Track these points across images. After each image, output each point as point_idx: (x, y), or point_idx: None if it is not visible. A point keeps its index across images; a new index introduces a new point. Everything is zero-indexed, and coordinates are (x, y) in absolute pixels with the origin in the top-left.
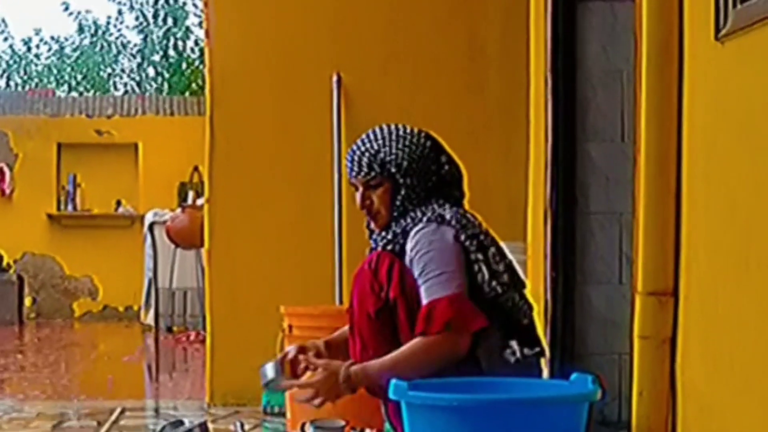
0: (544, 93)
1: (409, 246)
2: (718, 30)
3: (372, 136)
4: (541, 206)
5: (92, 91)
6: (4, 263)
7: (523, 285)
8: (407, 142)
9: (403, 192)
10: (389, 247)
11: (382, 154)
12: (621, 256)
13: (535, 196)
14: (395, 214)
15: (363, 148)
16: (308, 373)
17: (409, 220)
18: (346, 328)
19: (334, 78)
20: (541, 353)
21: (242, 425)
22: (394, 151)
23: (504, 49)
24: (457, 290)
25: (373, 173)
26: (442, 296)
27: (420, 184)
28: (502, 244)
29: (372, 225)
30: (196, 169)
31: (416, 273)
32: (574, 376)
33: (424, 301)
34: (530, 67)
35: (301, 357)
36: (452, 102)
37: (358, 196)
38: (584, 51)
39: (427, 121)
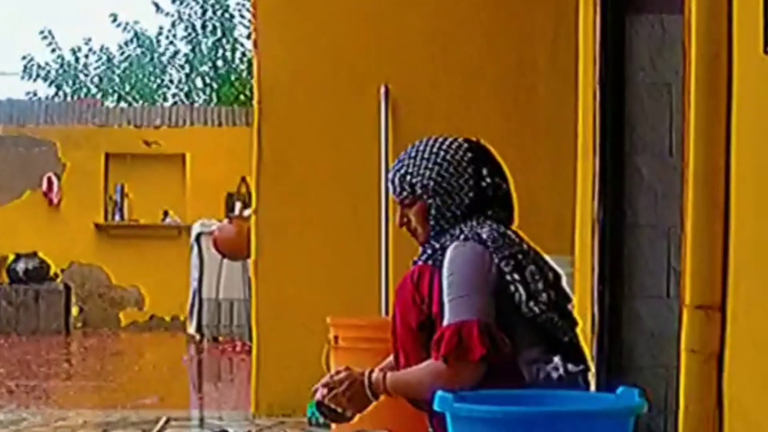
0: (592, 106)
1: (444, 262)
2: (767, 43)
3: (406, 154)
4: (588, 219)
5: (140, 102)
6: (52, 272)
7: (567, 300)
8: (439, 159)
9: (433, 212)
10: (430, 262)
11: (409, 175)
12: (669, 270)
13: (583, 209)
14: (434, 230)
15: (397, 167)
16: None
17: (448, 236)
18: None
19: (382, 90)
20: (586, 370)
21: None
22: (421, 171)
23: (553, 62)
24: (469, 316)
25: (405, 193)
26: (454, 322)
27: (454, 202)
28: (548, 258)
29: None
30: (243, 179)
31: (443, 291)
32: (620, 389)
33: (443, 324)
34: (579, 80)
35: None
36: (500, 115)
37: (397, 213)
38: (633, 64)
39: (475, 134)
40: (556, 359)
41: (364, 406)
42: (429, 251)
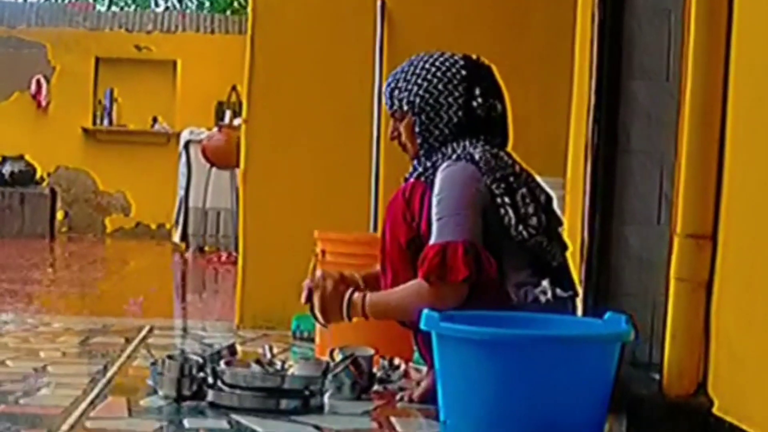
0: (590, 29)
1: (435, 181)
2: None
3: (401, 68)
4: (581, 143)
5: (133, 6)
6: (38, 176)
7: (559, 223)
8: (429, 75)
9: (419, 128)
10: (422, 179)
11: (398, 90)
12: (661, 197)
13: (577, 132)
14: (423, 147)
15: (390, 80)
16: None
17: (440, 155)
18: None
19: (379, 3)
20: (575, 295)
21: (271, 348)
22: (410, 86)
23: None
24: (455, 236)
25: (395, 106)
26: (439, 242)
27: (441, 120)
28: (541, 180)
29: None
30: (234, 88)
31: (432, 211)
32: (607, 315)
33: (429, 243)
34: (578, 1)
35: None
36: (495, 36)
37: (390, 126)
38: None
39: (471, 50)
40: (545, 283)
41: (337, 321)
42: (420, 169)
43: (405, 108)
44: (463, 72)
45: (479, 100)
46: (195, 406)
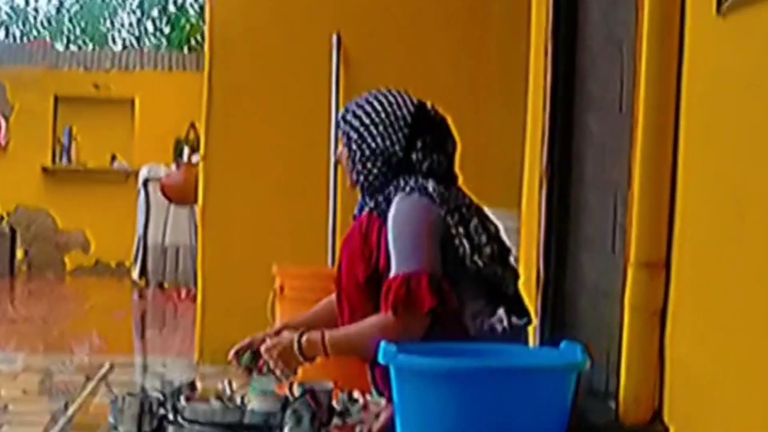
0: (543, 61)
1: (390, 214)
2: (719, 3)
3: (356, 100)
4: (536, 174)
5: (91, 45)
6: None
7: (509, 252)
8: (374, 115)
9: (354, 163)
10: (375, 213)
11: (344, 120)
12: (615, 226)
13: (531, 163)
14: (358, 181)
15: (342, 110)
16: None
17: (392, 188)
18: (319, 306)
19: (334, 38)
20: (529, 323)
21: (231, 383)
22: (353, 122)
23: (505, 14)
24: (418, 267)
25: (340, 133)
26: (402, 273)
27: (376, 162)
28: (490, 213)
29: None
30: (192, 125)
31: (390, 243)
32: (563, 344)
33: (390, 275)
34: (531, 33)
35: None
36: (452, 66)
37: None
38: (585, 19)
39: (427, 84)
40: (500, 311)
41: (298, 366)
42: (372, 204)
43: (344, 140)
44: (409, 119)
45: (419, 154)
46: None
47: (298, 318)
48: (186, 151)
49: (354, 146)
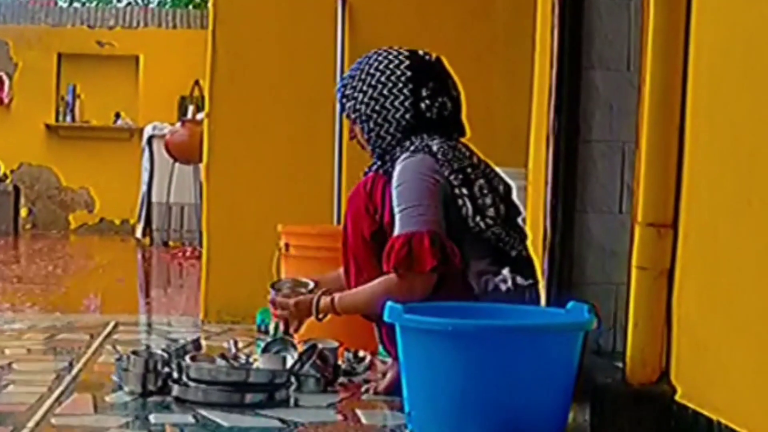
0: (550, 18)
1: (394, 173)
2: None
3: (349, 72)
4: (543, 133)
5: (94, 2)
6: (1, 173)
7: (518, 213)
8: (374, 81)
9: (368, 135)
10: (381, 171)
11: (345, 98)
12: (622, 186)
13: (538, 122)
14: (375, 150)
15: (339, 86)
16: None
17: (399, 148)
18: (340, 271)
19: None
20: (535, 283)
21: (236, 343)
22: (355, 94)
23: None
24: (420, 227)
25: (345, 112)
26: (404, 233)
27: (390, 125)
28: (500, 171)
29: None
30: (197, 83)
31: (393, 202)
32: (570, 304)
33: (394, 235)
34: None
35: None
36: (457, 25)
37: (348, 127)
38: None
39: (432, 44)
40: (505, 271)
41: (304, 321)
42: (380, 162)
43: (353, 116)
44: (408, 73)
45: (427, 101)
46: (160, 401)
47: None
48: (191, 108)
49: (364, 117)
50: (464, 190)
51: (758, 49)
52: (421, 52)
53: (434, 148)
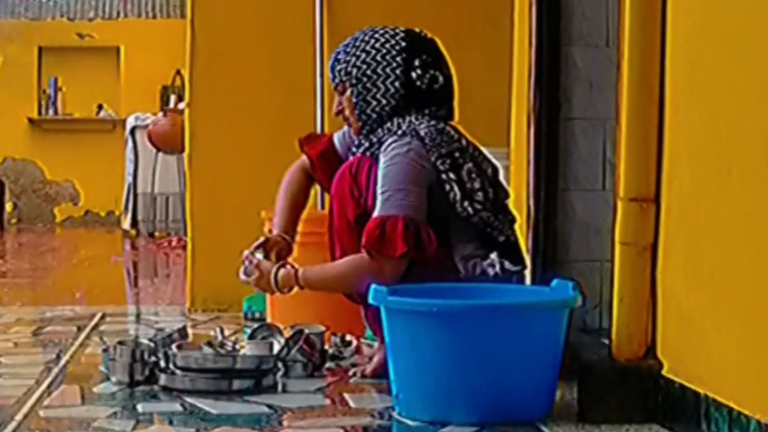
0: None
1: (380, 156)
2: None
3: (345, 42)
4: (524, 111)
5: None
6: None
7: (506, 196)
8: (368, 47)
9: (356, 99)
10: (368, 154)
11: (338, 61)
12: (604, 162)
13: (519, 101)
14: (366, 121)
15: (333, 54)
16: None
17: (386, 130)
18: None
19: None
20: (523, 269)
21: (222, 330)
22: (348, 57)
23: None
24: (396, 211)
25: (336, 80)
26: (380, 215)
27: (379, 91)
28: (486, 152)
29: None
30: (178, 72)
31: (377, 185)
32: (555, 282)
33: (372, 216)
34: None
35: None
36: (435, 4)
37: (335, 101)
38: None
39: (411, 23)
40: (493, 255)
41: (271, 293)
42: (366, 144)
43: (344, 79)
44: (403, 43)
45: (418, 71)
46: (148, 390)
47: (282, 219)
48: (172, 98)
49: (354, 80)
50: (452, 175)
51: (734, 21)
52: (418, 30)
53: (421, 132)
